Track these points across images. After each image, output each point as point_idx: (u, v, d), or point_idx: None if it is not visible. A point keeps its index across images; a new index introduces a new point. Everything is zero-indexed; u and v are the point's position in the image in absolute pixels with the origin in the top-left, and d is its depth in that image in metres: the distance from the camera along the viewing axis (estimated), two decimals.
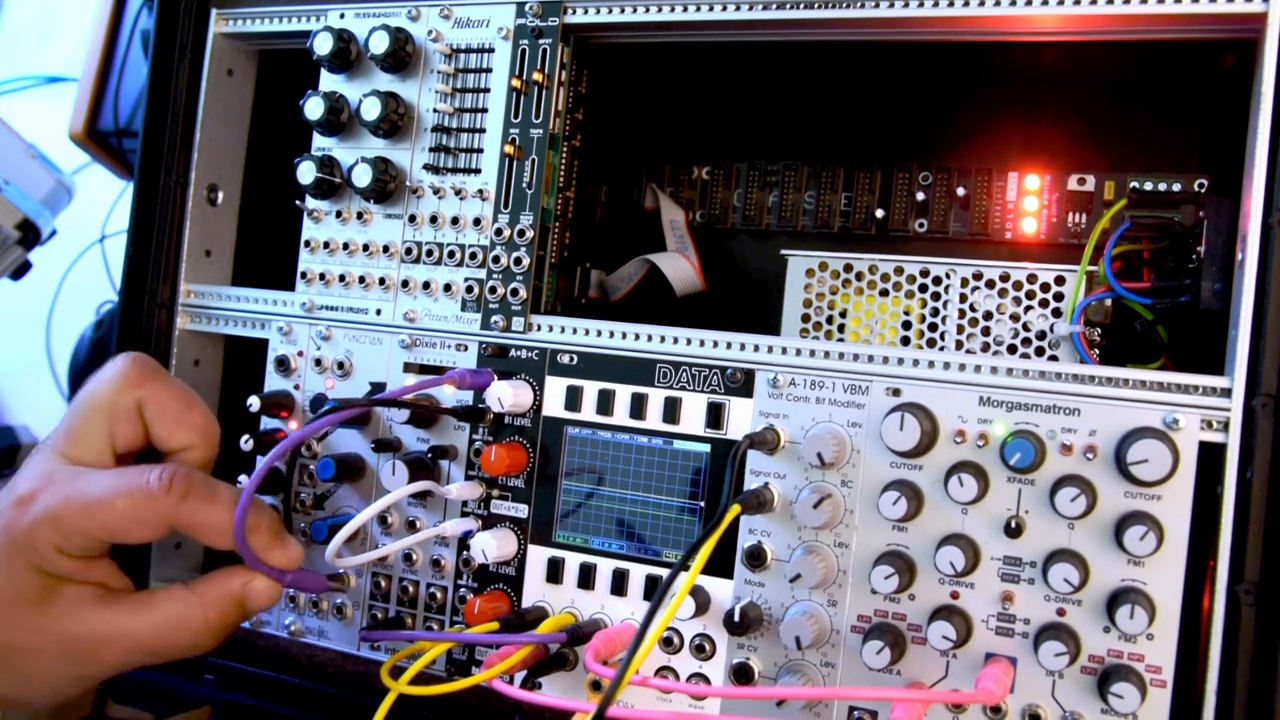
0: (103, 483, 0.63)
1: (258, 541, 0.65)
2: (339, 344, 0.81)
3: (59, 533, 0.62)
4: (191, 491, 0.63)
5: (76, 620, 0.63)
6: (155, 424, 0.67)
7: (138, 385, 0.66)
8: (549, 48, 0.76)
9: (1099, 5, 0.64)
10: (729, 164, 0.92)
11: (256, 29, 0.86)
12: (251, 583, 0.66)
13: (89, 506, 0.62)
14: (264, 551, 0.65)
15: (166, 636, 0.64)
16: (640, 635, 0.55)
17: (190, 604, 0.65)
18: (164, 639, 0.64)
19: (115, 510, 0.62)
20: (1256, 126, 0.61)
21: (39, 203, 1.28)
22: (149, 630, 0.64)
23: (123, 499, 0.62)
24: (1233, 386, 0.60)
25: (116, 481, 0.63)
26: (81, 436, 0.65)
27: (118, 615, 0.64)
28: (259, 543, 0.65)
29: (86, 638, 0.63)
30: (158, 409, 0.67)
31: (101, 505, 0.62)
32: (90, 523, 0.62)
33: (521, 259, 0.76)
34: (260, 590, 0.66)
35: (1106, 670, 0.62)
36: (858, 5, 0.69)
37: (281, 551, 0.66)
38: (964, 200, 0.84)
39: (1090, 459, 0.62)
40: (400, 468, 0.74)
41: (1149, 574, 0.61)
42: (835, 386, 0.68)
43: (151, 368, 0.68)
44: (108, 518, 0.62)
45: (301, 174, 0.80)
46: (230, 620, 0.66)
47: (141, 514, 0.62)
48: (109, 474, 0.64)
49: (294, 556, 0.67)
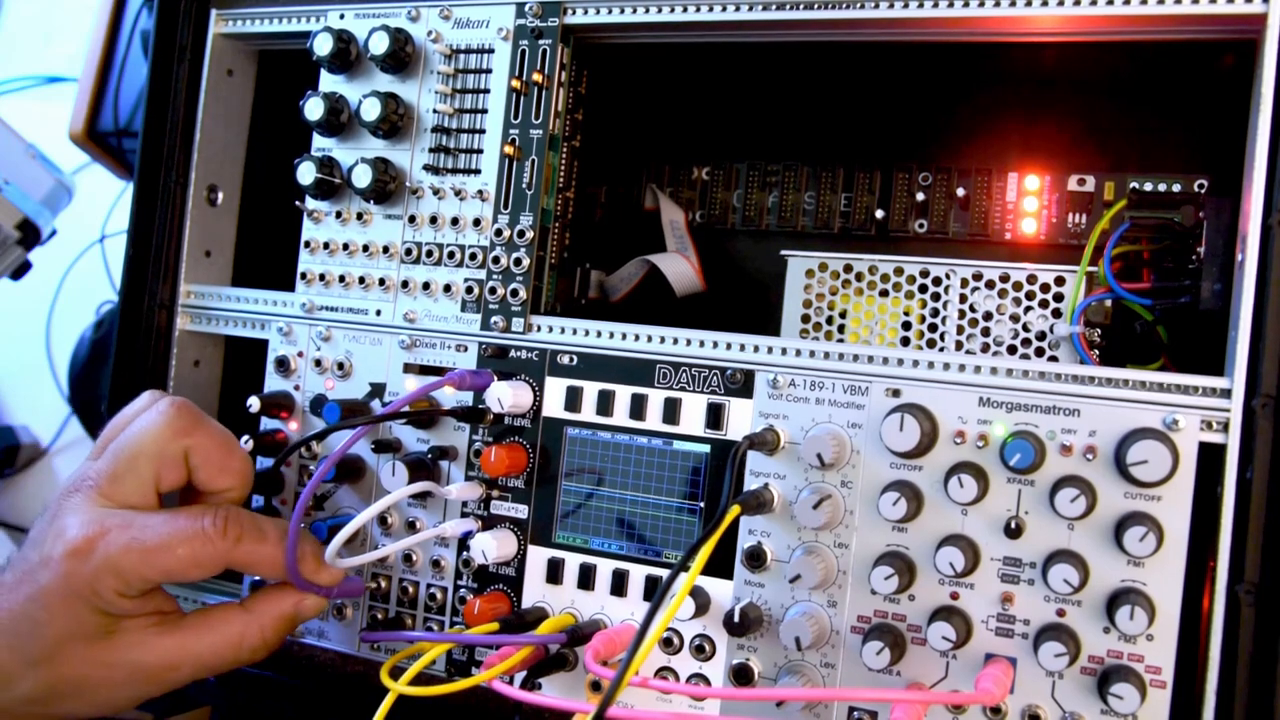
0: (159, 529, 0.66)
1: (307, 568, 0.70)
2: (339, 344, 0.81)
3: (122, 580, 0.65)
4: (244, 533, 0.68)
5: (143, 650, 0.67)
6: (200, 470, 0.70)
7: (185, 435, 0.69)
8: (549, 48, 0.76)
9: (1098, 6, 0.64)
10: (729, 164, 0.92)
11: (256, 29, 0.86)
12: (303, 601, 0.71)
13: (148, 554, 0.65)
14: (312, 575, 0.70)
15: (228, 655, 0.69)
16: (640, 636, 0.55)
17: (249, 624, 0.70)
18: (225, 657, 0.69)
19: (175, 557, 0.65)
20: (1256, 127, 0.61)
21: (39, 203, 1.28)
22: (212, 651, 0.69)
23: (182, 546, 0.66)
24: (1232, 387, 0.60)
25: (172, 528, 0.66)
26: (127, 481, 0.68)
27: (182, 641, 0.68)
28: (308, 569, 0.70)
29: (155, 664, 0.67)
30: (203, 456, 0.70)
31: (161, 552, 0.65)
32: (151, 569, 0.65)
33: (521, 259, 0.76)
34: (310, 606, 0.72)
35: (1106, 671, 0.62)
36: (857, 6, 0.69)
37: (327, 572, 0.71)
38: (964, 201, 0.84)
39: (1090, 460, 0.62)
40: (400, 468, 0.74)
41: (1149, 574, 0.61)
42: (835, 387, 0.68)
43: (196, 415, 0.71)
44: (169, 564, 0.65)
45: (301, 174, 0.80)
46: (284, 634, 0.71)
47: (200, 559, 0.66)
48: (162, 519, 0.67)
49: (338, 574, 0.71)
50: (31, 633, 0.65)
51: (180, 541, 0.66)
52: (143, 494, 0.68)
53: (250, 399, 0.81)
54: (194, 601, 0.86)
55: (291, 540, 0.67)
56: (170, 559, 0.65)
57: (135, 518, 0.66)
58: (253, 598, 0.71)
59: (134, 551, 0.65)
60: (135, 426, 0.69)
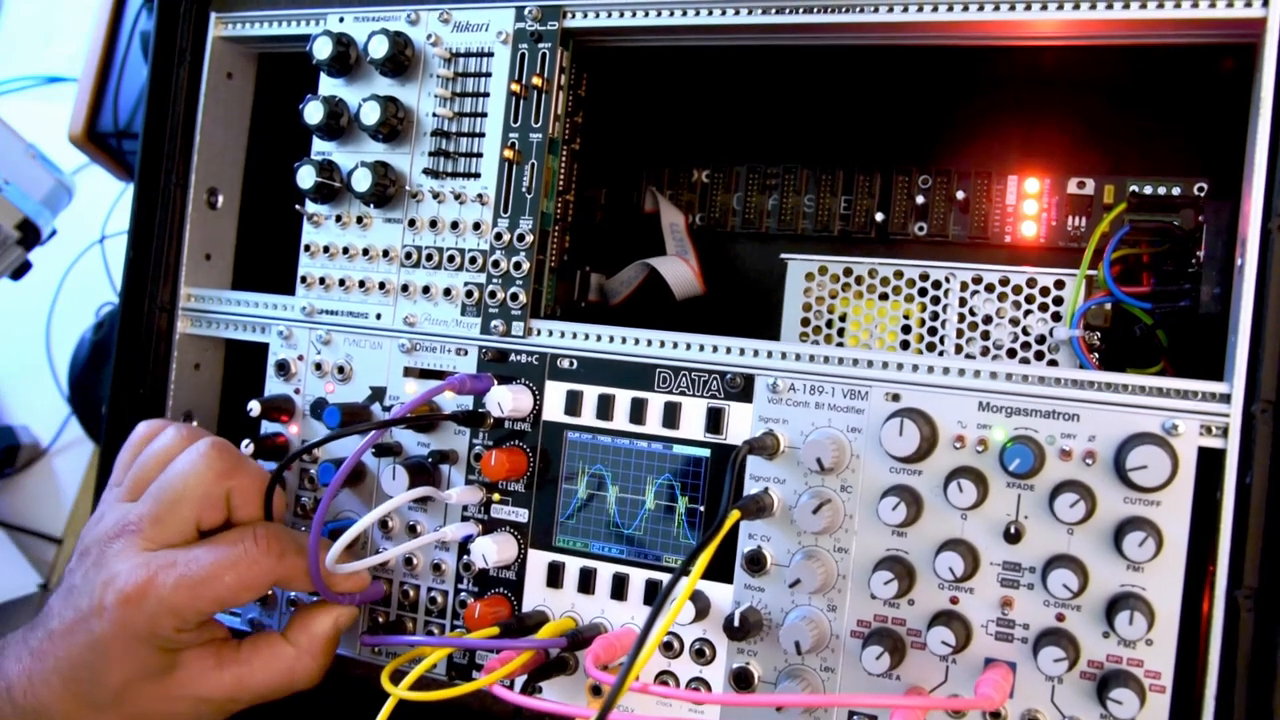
0: (204, 561, 0.68)
1: (335, 581, 0.72)
2: (339, 348, 0.81)
3: (179, 617, 0.67)
4: (285, 549, 0.70)
5: (204, 685, 0.70)
6: (240, 510, 0.72)
7: (228, 477, 0.71)
8: (548, 52, 0.76)
9: (1098, 10, 0.64)
10: (729, 167, 0.92)
11: (256, 32, 0.86)
12: (340, 617, 0.74)
13: (199, 587, 0.67)
14: (341, 585, 0.73)
15: (282, 685, 0.73)
16: (641, 640, 0.55)
17: (299, 658, 0.72)
18: (280, 687, 0.73)
19: (225, 585, 0.68)
20: (1256, 131, 0.61)
21: (39, 203, 1.28)
22: (267, 684, 0.72)
23: (229, 573, 0.68)
24: (1232, 392, 0.60)
25: (216, 557, 0.68)
26: (170, 524, 0.70)
27: (239, 675, 0.71)
28: (336, 581, 0.72)
29: (216, 697, 0.71)
30: (244, 497, 0.72)
31: (212, 583, 0.67)
32: (204, 601, 0.67)
33: (521, 263, 0.76)
34: (346, 617, 0.74)
35: (1106, 675, 0.62)
36: (857, 10, 0.69)
37: (354, 579, 0.73)
38: (963, 204, 0.84)
39: (1089, 464, 0.62)
40: (401, 472, 0.74)
41: (1148, 579, 0.61)
42: (835, 391, 0.68)
43: (237, 457, 0.73)
44: (220, 593, 0.68)
45: (301, 178, 0.80)
46: (332, 653, 0.74)
47: (248, 581, 0.69)
48: (205, 550, 0.69)
49: (362, 579, 0.74)
50: (93, 679, 0.68)
51: (227, 568, 0.68)
52: (184, 535, 0.70)
53: (251, 403, 0.81)
54: None
55: (313, 552, 0.69)
56: (221, 587, 0.67)
57: (179, 554, 0.68)
58: (293, 626, 0.73)
59: (184, 588, 0.67)
60: (176, 469, 0.71)
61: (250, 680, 0.71)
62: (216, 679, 0.70)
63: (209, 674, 0.70)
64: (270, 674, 0.72)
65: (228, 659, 0.71)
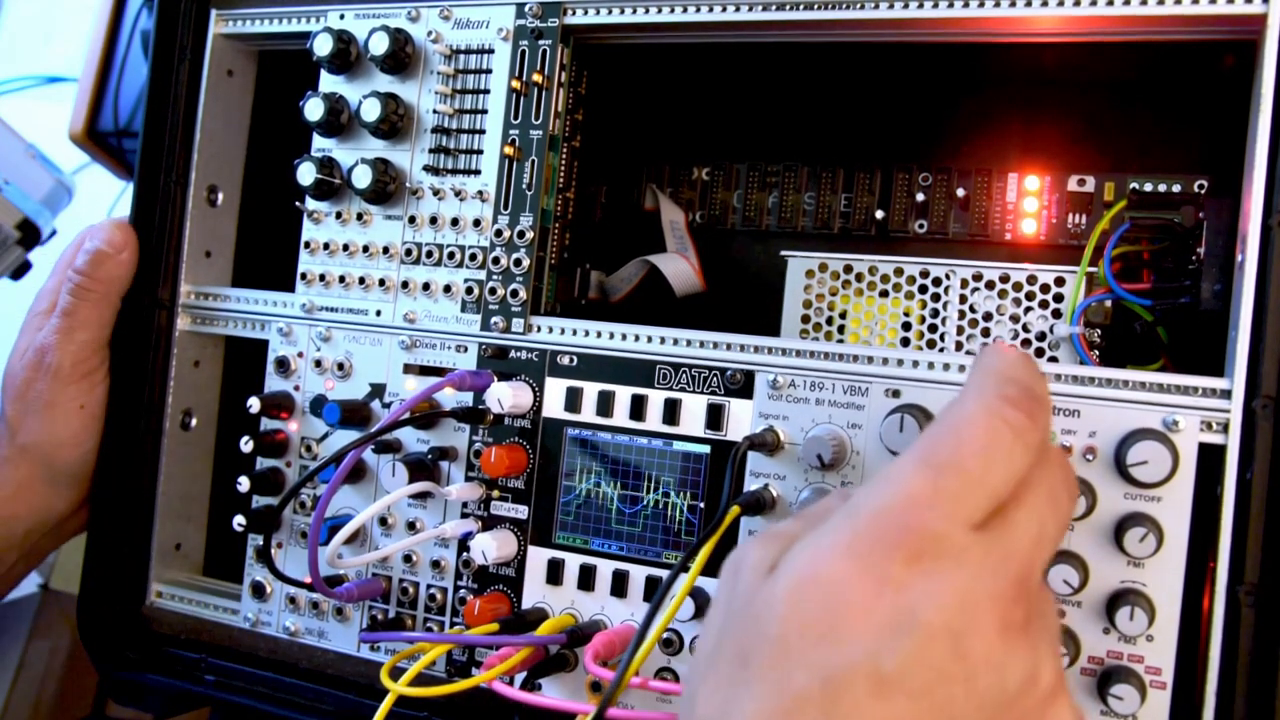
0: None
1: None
2: (339, 345, 0.81)
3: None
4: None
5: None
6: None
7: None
8: (549, 49, 0.76)
9: (1099, 7, 0.64)
10: (729, 165, 0.92)
11: (256, 30, 0.86)
12: None
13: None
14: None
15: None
16: (640, 636, 0.55)
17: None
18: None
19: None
20: (1256, 128, 0.61)
21: (39, 203, 1.28)
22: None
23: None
24: (1232, 388, 0.60)
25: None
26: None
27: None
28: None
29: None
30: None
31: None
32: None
33: (521, 260, 0.76)
34: None
35: (1106, 671, 0.62)
36: (857, 6, 0.69)
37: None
38: (964, 201, 0.84)
39: (1090, 460, 0.62)
40: (400, 469, 0.74)
41: (1149, 575, 0.61)
42: (835, 388, 0.68)
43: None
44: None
45: (301, 175, 0.80)
46: None
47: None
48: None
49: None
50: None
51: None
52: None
53: (250, 399, 0.81)
54: (204, 598, 0.86)
55: (312, 547, 0.68)
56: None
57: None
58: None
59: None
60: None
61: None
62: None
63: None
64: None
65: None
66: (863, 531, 0.39)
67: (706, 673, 0.40)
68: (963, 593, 0.38)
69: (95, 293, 0.83)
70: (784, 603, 0.38)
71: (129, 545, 0.86)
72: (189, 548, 0.90)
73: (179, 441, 0.87)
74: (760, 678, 0.38)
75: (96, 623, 0.86)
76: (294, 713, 0.80)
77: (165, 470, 0.86)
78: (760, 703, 0.37)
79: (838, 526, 0.40)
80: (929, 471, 0.41)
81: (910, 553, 0.38)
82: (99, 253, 0.82)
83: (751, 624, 0.39)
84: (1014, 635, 0.38)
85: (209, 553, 0.91)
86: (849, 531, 0.40)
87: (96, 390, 0.83)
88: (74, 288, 0.82)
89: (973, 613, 0.37)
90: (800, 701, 0.36)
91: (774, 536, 0.43)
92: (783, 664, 0.37)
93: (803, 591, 0.38)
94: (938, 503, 0.40)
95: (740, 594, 0.41)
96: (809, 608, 0.38)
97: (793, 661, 0.37)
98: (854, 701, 0.36)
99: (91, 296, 0.82)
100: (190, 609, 0.86)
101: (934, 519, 0.39)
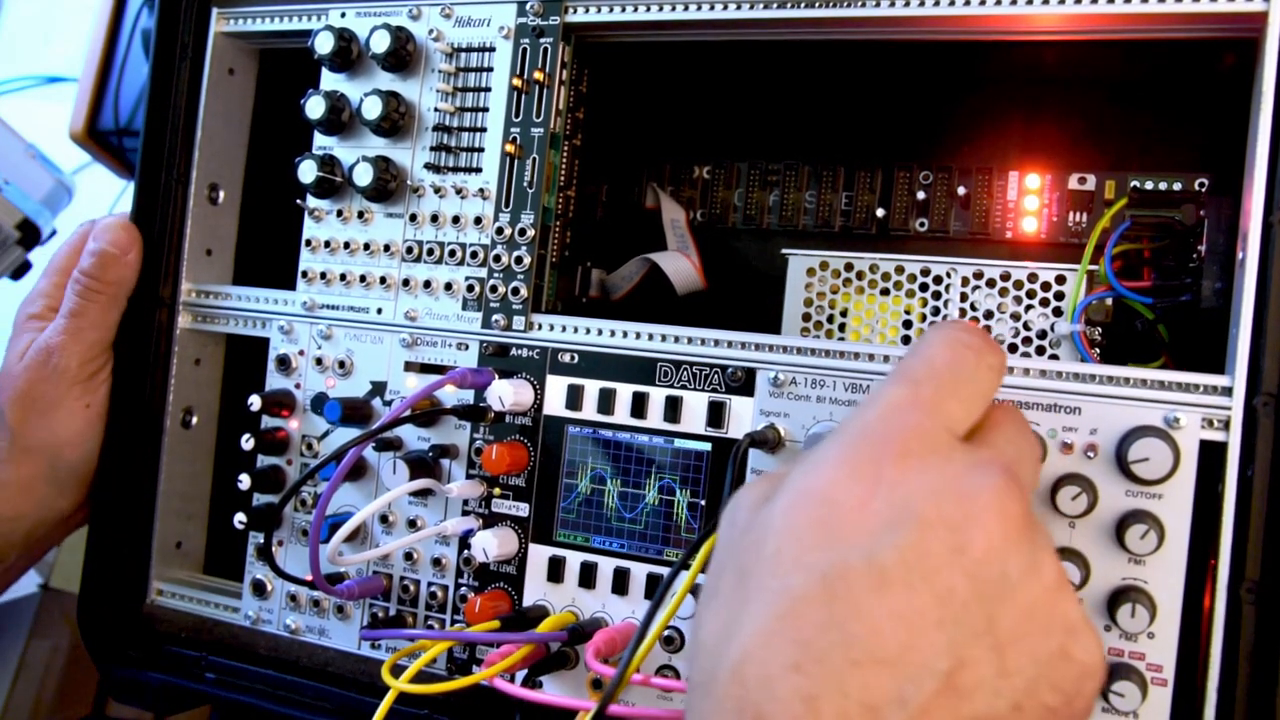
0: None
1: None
2: (340, 343, 0.81)
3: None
4: None
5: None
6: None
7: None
8: (550, 47, 0.76)
9: (1099, 4, 0.64)
10: (730, 163, 0.92)
11: (257, 28, 0.86)
12: None
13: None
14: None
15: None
16: (641, 633, 0.55)
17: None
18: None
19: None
20: (1257, 125, 0.61)
21: (39, 203, 1.28)
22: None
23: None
24: (1233, 385, 0.60)
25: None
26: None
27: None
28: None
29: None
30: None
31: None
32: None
33: (522, 258, 0.76)
34: None
35: (1108, 669, 0.61)
36: (859, 4, 0.69)
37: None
38: (964, 199, 0.84)
39: (1091, 458, 0.62)
40: (401, 466, 0.74)
41: (1150, 573, 0.61)
42: (836, 385, 0.68)
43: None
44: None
45: (302, 173, 0.80)
46: None
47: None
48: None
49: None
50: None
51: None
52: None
53: (251, 397, 0.81)
54: (207, 598, 0.86)
55: (313, 544, 0.68)
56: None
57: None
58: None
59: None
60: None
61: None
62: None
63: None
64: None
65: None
66: (849, 441, 0.40)
67: (708, 600, 0.41)
68: (955, 484, 0.38)
69: (103, 294, 0.83)
70: (779, 519, 0.39)
71: (130, 543, 0.86)
72: (190, 546, 0.90)
73: (180, 439, 0.87)
74: (759, 588, 0.38)
75: (97, 621, 0.86)
76: (295, 710, 0.80)
77: (166, 468, 0.86)
78: (762, 610, 0.37)
79: (826, 446, 0.41)
80: (906, 383, 0.42)
81: (899, 451, 0.39)
82: (106, 254, 0.82)
83: (750, 548, 0.40)
84: (1012, 527, 0.38)
85: (210, 551, 0.91)
86: (836, 445, 0.40)
87: (101, 390, 0.84)
88: (81, 289, 0.82)
89: (968, 503, 0.37)
90: (800, 603, 0.36)
91: (766, 477, 0.44)
92: (780, 572, 0.38)
93: (797, 504, 0.39)
94: (919, 405, 0.41)
95: (738, 528, 0.42)
96: (803, 517, 0.38)
97: (790, 567, 0.37)
98: (853, 597, 0.36)
99: (99, 298, 0.82)
100: (191, 607, 0.86)
101: (918, 418, 0.41)
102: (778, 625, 0.36)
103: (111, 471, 0.85)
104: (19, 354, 0.83)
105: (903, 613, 0.35)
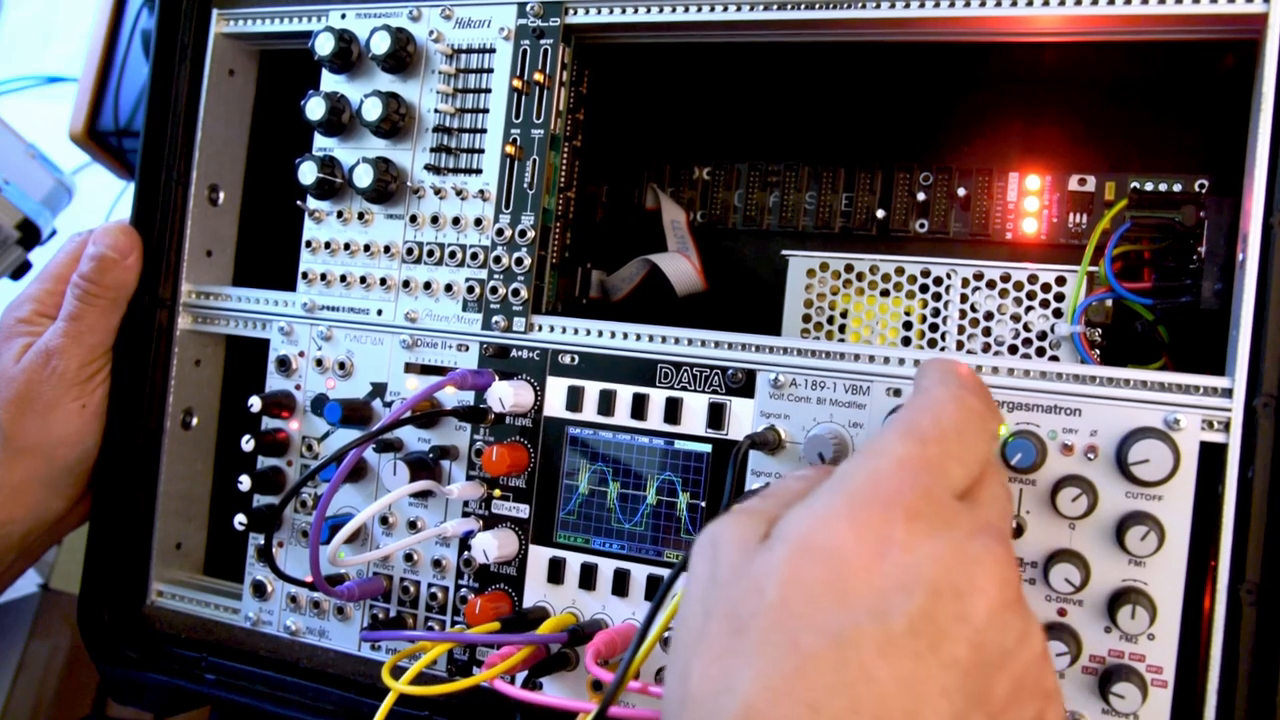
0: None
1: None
2: (340, 344, 0.81)
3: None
4: None
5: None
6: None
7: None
8: (550, 48, 0.76)
9: (1099, 6, 0.64)
10: (730, 164, 0.92)
11: (258, 29, 0.86)
12: None
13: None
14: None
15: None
16: (641, 635, 0.55)
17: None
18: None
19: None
20: (1257, 127, 0.61)
21: (39, 203, 1.28)
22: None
23: None
24: (1234, 387, 0.60)
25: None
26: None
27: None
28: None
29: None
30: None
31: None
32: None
33: (522, 259, 0.76)
34: None
35: (1108, 670, 0.62)
36: (859, 6, 0.69)
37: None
38: (965, 201, 0.84)
39: (1091, 459, 0.62)
40: (401, 468, 0.74)
41: (1150, 574, 0.61)
42: (836, 387, 0.68)
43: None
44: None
45: (303, 174, 0.80)
46: None
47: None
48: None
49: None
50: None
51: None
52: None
53: (251, 398, 0.81)
54: (203, 599, 0.86)
55: (313, 546, 0.68)
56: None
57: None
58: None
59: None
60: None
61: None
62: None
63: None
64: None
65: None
66: (857, 496, 0.41)
67: (697, 646, 0.40)
68: (960, 550, 0.39)
69: (103, 299, 0.83)
70: (784, 569, 0.39)
71: (130, 544, 0.86)
72: (190, 547, 0.90)
73: (180, 441, 0.87)
74: (762, 643, 0.37)
75: (97, 622, 0.86)
76: (295, 711, 0.80)
77: (166, 469, 0.86)
78: (768, 667, 0.37)
79: (831, 494, 0.41)
80: (915, 442, 0.43)
81: (908, 513, 0.40)
82: (106, 259, 0.82)
83: (748, 593, 0.39)
84: (1009, 595, 0.40)
85: (210, 552, 0.91)
86: (844, 497, 0.41)
87: (98, 391, 0.84)
88: (81, 293, 0.82)
89: (974, 571, 0.39)
90: (810, 661, 0.36)
91: (750, 513, 0.44)
92: (787, 628, 0.37)
93: (804, 557, 0.39)
94: (927, 467, 0.42)
95: (725, 567, 0.41)
96: (811, 572, 0.38)
97: (798, 625, 0.37)
98: (863, 661, 0.36)
99: (99, 303, 0.83)
100: (191, 608, 0.86)
101: (926, 480, 0.41)
102: (784, 684, 0.36)
103: (112, 472, 0.85)
104: (14, 357, 0.83)
105: (910, 679, 0.36)
